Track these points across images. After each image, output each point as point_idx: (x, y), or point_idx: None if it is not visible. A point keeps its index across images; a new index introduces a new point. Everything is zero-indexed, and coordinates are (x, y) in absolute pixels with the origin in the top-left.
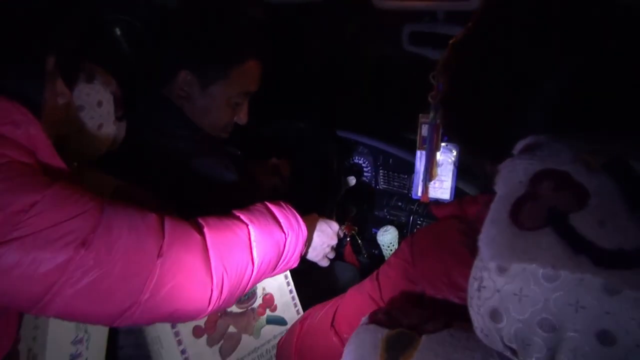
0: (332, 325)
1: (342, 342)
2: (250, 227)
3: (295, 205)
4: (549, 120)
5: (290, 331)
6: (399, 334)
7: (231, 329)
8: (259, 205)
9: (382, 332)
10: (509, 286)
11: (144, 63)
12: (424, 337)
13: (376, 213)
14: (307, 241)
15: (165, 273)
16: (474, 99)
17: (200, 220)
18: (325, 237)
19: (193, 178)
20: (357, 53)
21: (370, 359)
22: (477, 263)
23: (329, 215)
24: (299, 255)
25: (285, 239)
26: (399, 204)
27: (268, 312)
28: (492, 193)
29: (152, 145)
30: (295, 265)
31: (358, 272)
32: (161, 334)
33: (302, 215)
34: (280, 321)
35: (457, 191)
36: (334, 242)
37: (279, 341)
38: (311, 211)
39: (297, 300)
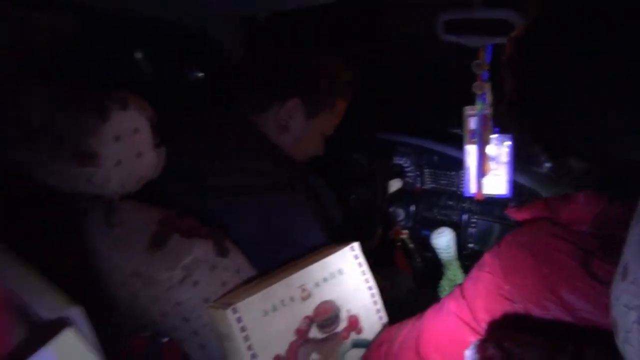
0: (417, 352)
1: None
2: None
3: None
4: None
5: (368, 354)
6: None
7: (314, 356)
8: None
9: None
10: None
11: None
12: None
13: (425, 214)
14: None
15: None
16: (562, 95)
17: None
18: None
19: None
20: (388, 48)
21: None
22: (625, 287)
23: (375, 223)
24: None
25: None
26: (449, 202)
27: (353, 335)
28: (587, 190)
29: (217, 173)
30: None
31: (411, 279)
32: None
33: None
34: (367, 344)
35: (515, 185)
36: None
37: None
38: (358, 223)
39: (385, 320)
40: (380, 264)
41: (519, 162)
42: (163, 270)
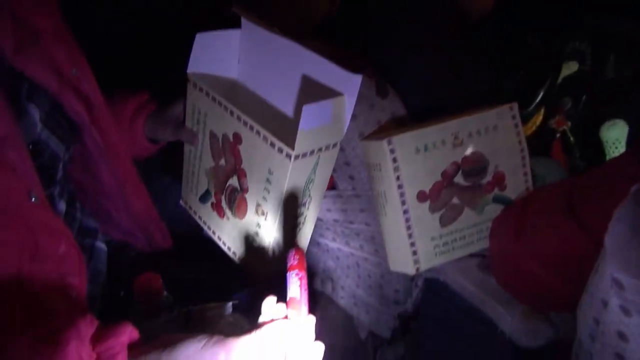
0: (569, 203)
1: (582, 225)
2: None
3: None
4: None
5: (508, 211)
6: None
7: (455, 200)
8: None
9: None
10: None
11: None
12: None
13: (598, 107)
14: None
15: None
16: None
17: None
18: None
19: None
20: None
21: None
22: None
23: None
24: None
25: None
26: (631, 96)
27: (496, 190)
28: None
29: None
30: None
31: (567, 174)
32: (387, 189)
33: None
34: (507, 202)
35: None
36: None
37: (495, 219)
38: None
39: (530, 184)
40: (535, 154)
41: None
42: None
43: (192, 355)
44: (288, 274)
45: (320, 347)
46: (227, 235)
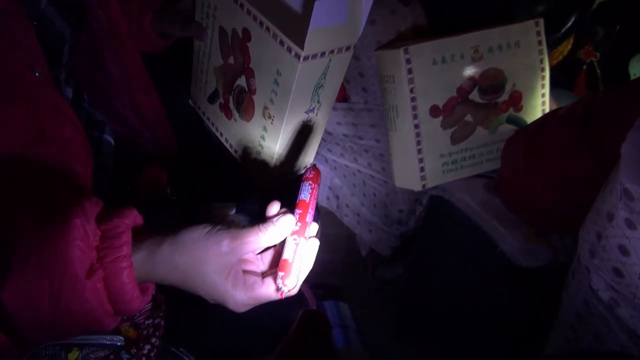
0: (581, 129)
1: (591, 149)
2: None
3: None
4: None
5: (521, 131)
6: None
7: (468, 117)
8: None
9: None
10: None
11: None
12: None
13: (631, 39)
14: None
15: None
16: None
17: None
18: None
19: None
20: None
21: None
22: None
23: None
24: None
25: None
26: None
27: (511, 110)
28: None
29: None
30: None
31: None
32: (399, 102)
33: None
34: (521, 123)
35: None
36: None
37: (507, 139)
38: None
39: (547, 107)
40: (557, 87)
41: None
42: None
43: (195, 239)
44: (302, 183)
45: (316, 243)
46: (234, 138)
